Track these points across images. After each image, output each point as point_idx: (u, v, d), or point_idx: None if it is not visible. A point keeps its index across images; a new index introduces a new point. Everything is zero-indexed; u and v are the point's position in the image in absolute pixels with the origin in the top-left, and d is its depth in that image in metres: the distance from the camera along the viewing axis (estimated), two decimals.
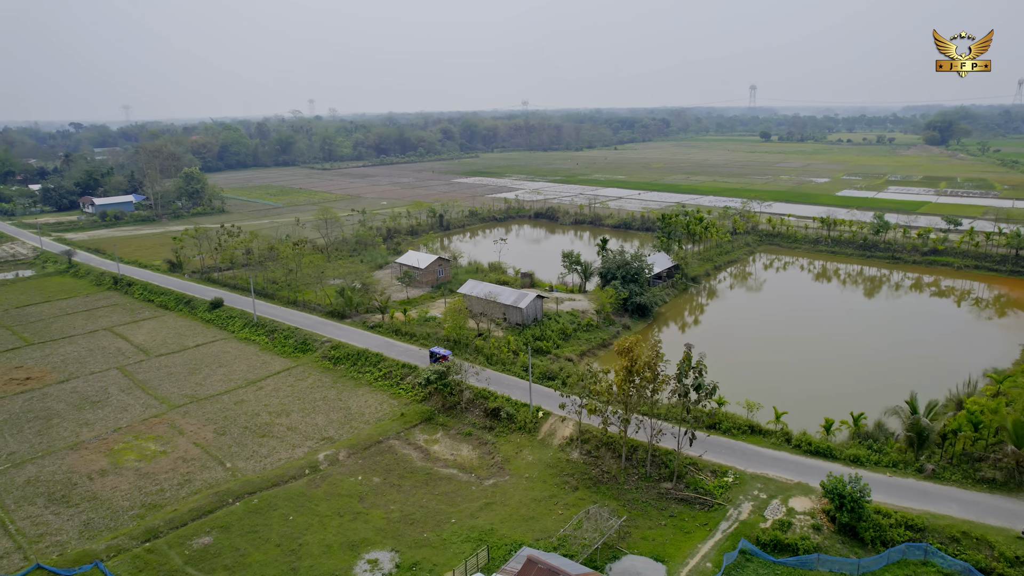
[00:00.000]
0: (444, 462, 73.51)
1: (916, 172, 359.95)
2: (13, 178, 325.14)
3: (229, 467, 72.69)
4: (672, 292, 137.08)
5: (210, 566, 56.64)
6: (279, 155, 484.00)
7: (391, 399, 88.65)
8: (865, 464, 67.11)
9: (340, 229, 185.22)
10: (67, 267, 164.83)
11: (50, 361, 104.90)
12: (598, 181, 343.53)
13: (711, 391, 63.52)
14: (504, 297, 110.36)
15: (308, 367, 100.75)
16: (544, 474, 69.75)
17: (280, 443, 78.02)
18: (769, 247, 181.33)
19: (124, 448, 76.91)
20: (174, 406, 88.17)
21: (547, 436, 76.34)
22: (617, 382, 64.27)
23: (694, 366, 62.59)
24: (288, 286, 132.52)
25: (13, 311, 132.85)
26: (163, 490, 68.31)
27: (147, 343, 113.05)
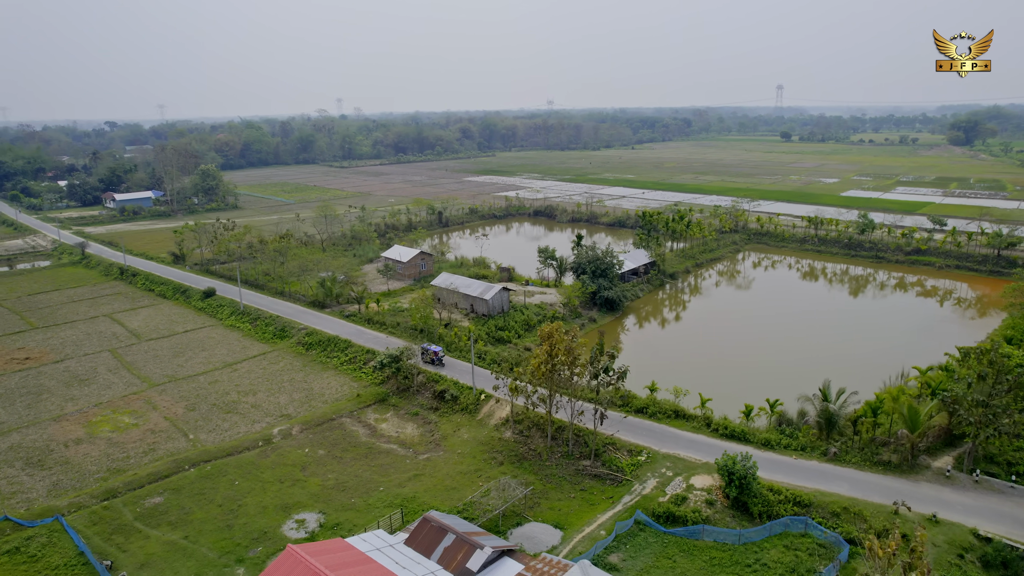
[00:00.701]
0: (387, 438, 79.12)
1: (930, 173, 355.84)
2: (44, 175, 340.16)
3: (192, 439, 79.27)
4: (647, 288, 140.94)
5: (156, 521, 63.00)
6: (299, 153, 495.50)
7: (352, 382, 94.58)
8: (775, 447, 70.94)
9: (339, 225, 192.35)
10: (80, 258, 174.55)
11: (50, 343, 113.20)
12: (606, 180, 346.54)
13: (621, 375, 67.96)
14: (472, 289, 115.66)
15: (283, 352, 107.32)
16: (475, 450, 74.92)
17: (242, 419, 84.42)
18: (757, 246, 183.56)
19: (101, 420, 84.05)
20: (153, 384, 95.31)
21: (486, 417, 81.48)
22: (535, 364, 69.12)
23: (604, 352, 67.00)
24: (278, 278, 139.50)
25: (25, 298, 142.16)
26: (128, 457, 75.07)
27: (141, 328, 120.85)
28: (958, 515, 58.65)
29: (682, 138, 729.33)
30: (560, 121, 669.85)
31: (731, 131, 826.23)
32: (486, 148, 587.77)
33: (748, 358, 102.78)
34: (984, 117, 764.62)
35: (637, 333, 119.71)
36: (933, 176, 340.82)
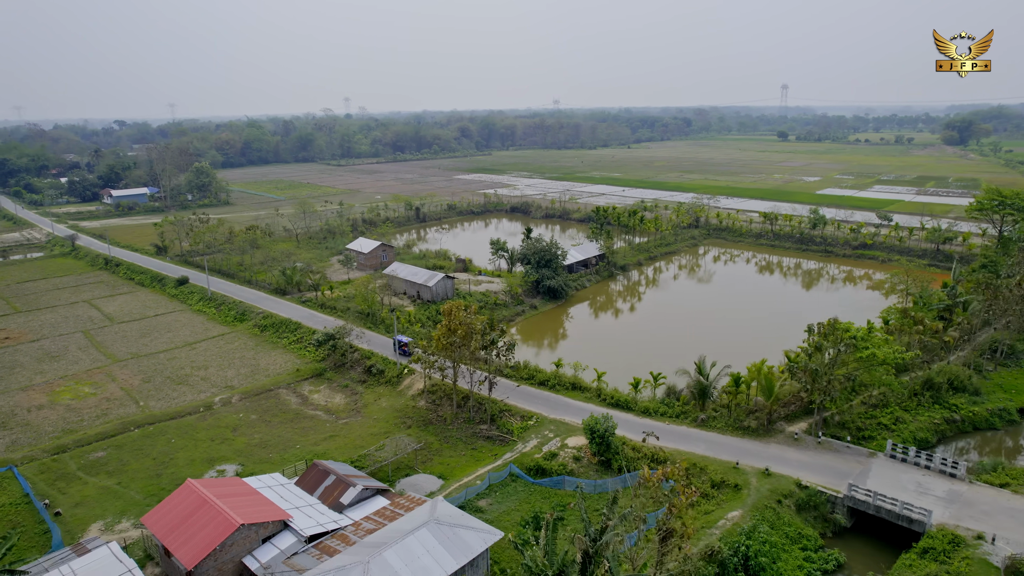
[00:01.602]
0: (315, 406, 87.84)
1: (913, 172, 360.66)
2: (47, 172, 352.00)
3: (141, 405, 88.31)
4: (595, 278, 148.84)
5: (96, 471, 71.99)
6: (299, 151, 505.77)
7: (296, 359, 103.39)
8: (653, 415, 78.94)
9: (317, 220, 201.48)
10: (70, 250, 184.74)
11: (29, 325, 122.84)
12: (592, 178, 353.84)
13: (509, 347, 76.22)
14: (418, 277, 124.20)
15: (240, 333, 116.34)
16: (390, 416, 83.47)
17: (190, 389, 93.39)
18: (716, 241, 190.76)
19: (63, 390, 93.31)
20: (117, 360, 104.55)
21: (405, 388, 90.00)
22: (435, 336, 77.55)
23: (495, 328, 75.26)
24: (247, 268, 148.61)
25: (14, 285, 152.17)
26: (82, 420, 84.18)
27: (115, 313, 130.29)
28: (791, 469, 66.47)
29: (681, 137, 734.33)
30: (558, 120, 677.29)
31: (731, 131, 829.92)
32: (484, 147, 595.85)
33: (665, 340, 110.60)
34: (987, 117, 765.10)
35: (577, 319, 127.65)
36: (914, 175, 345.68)
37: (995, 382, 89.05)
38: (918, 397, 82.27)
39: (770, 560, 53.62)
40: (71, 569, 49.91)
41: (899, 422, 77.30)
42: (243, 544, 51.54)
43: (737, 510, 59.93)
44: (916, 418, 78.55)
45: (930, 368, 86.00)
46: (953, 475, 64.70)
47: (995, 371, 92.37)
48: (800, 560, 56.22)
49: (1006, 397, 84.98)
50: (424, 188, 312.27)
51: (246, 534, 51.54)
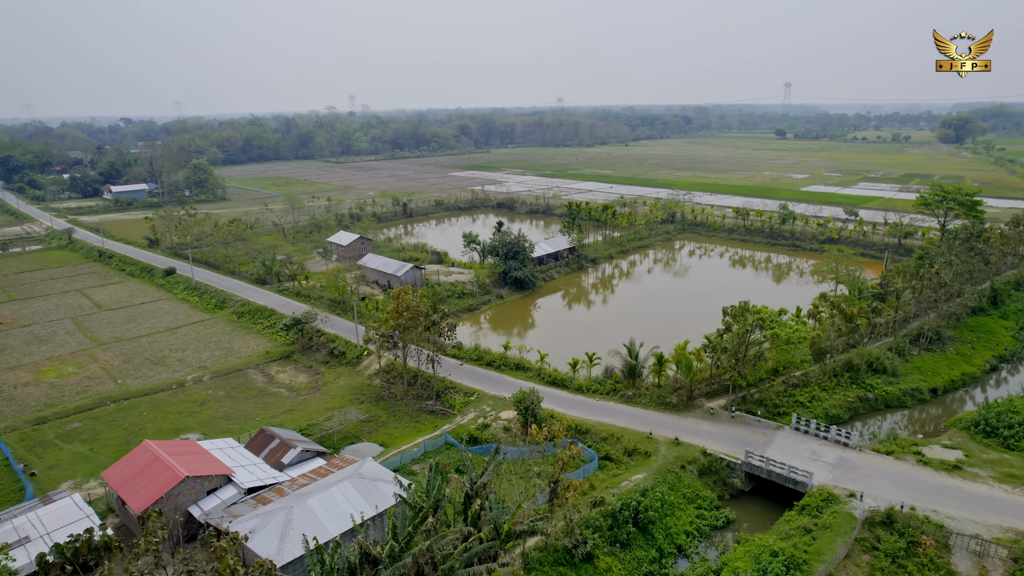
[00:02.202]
0: (279, 385, 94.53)
1: (901, 169, 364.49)
2: (51, 168, 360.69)
3: (119, 383, 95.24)
4: (565, 270, 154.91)
5: (71, 439, 78.89)
6: (299, 149, 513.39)
7: (268, 342, 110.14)
8: (587, 392, 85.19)
9: (306, 215, 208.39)
10: (67, 243, 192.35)
11: (22, 312, 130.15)
12: (583, 176, 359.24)
13: (451, 327, 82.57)
14: (388, 268, 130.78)
15: (219, 319, 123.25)
16: (346, 393, 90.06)
17: (166, 369, 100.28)
18: (690, 235, 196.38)
19: (48, 370, 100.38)
20: (101, 344, 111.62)
21: (363, 368, 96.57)
22: (383, 318, 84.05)
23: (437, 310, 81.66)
24: (232, 259, 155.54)
25: (11, 275, 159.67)
26: (64, 396, 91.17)
27: (105, 301, 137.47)
28: (701, 439, 72.59)
29: (680, 135, 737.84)
30: (557, 118, 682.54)
31: (731, 128, 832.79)
32: (483, 145, 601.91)
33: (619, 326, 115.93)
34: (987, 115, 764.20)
35: (541, 307, 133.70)
36: (902, 173, 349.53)
37: (915, 365, 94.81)
38: (838, 378, 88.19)
39: (660, 515, 59.84)
40: (36, 515, 56.67)
41: (815, 400, 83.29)
42: (188, 495, 58.18)
43: (642, 473, 66.11)
44: (832, 396, 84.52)
45: (851, 351, 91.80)
46: (846, 444, 70.68)
47: (919, 355, 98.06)
48: (692, 517, 62.38)
49: (921, 378, 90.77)
50: (417, 185, 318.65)
51: (191, 485, 58.18)
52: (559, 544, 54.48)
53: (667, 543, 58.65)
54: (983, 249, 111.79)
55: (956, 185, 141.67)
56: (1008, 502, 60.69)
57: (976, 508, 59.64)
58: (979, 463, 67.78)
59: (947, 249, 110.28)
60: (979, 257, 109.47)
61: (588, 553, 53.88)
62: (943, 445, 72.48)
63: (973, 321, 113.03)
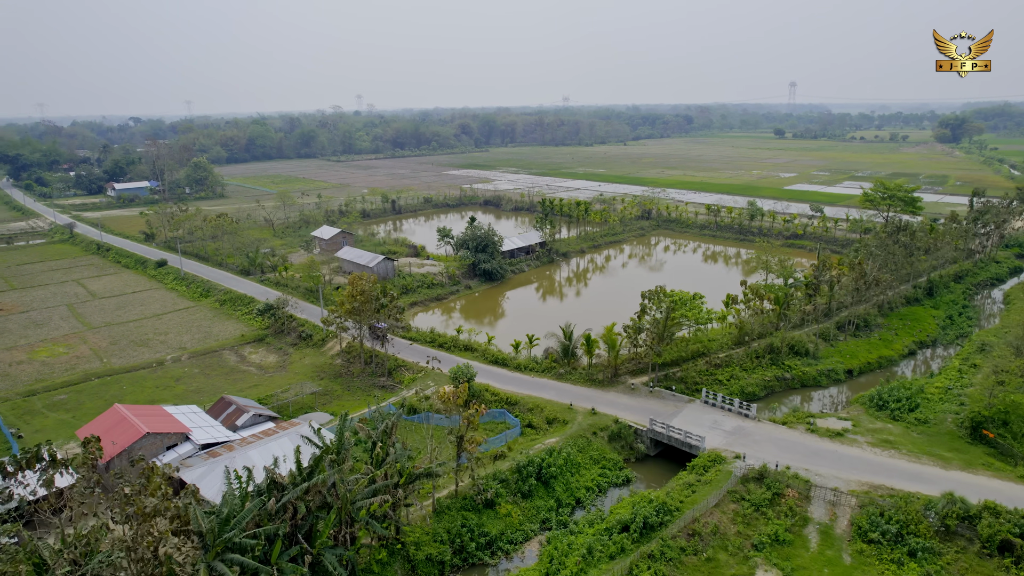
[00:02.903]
0: (250, 364, 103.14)
1: (888, 169, 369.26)
2: (59, 166, 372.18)
3: (105, 362, 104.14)
4: (535, 263, 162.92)
5: (56, 409, 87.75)
6: (301, 148, 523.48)
7: (244, 327, 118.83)
8: (524, 370, 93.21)
9: (297, 211, 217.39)
10: (68, 237, 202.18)
11: (21, 299, 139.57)
12: (575, 174, 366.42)
13: (399, 310, 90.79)
14: (362, 259, 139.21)
15: (202, 307, 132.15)
16: (310, 371, 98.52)
17: (149, 350, 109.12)
18: (665, 231, 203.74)
19: (41, 350, 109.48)
20: (91, 327, 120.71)
21: (327, 349, 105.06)
22: (339, 301, 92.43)
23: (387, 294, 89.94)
24: (220, 252, 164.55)
25: (13, 267, 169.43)
26: (53, 372, 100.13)
27: (99, 290, 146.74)
28: (617, 410, 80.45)
29: (681, 135, 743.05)
30: (558, 118, 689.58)
31: (733, 128, 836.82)
32: (484, 144, 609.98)
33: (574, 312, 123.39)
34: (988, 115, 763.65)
35: (507, 297, 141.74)
36: (888, 172, 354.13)
37: (839, 349, 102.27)
38: (759, 359, 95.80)
39: (563, 472, 67.83)
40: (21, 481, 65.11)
41: (733, 378, 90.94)
42: (150, 449, 66.68)
43: (556, 438, 74.08)
44: (750, 376, 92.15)
45: (773, 335, 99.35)
46: (746, 415, 78.33)
47: (844, 340, 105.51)
48: (596, 475, 70.30)
49: (840, 361, 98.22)
50: (413, 183, 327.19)
51: (152, 441, 66.70)
52: (467, 493, 62.64)
53: (566, 496, 66.64)
54: (907, 242, 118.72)
55: (897, 183, 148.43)
56: (873, 462, 68.24)
57: (844, 467, 67.23)
58: (862, 431, 75.30)
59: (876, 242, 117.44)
60: (904, 249, 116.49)
61: (490, 500, 62.00)
62: (838, 417, 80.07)
63: (906, 311, 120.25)
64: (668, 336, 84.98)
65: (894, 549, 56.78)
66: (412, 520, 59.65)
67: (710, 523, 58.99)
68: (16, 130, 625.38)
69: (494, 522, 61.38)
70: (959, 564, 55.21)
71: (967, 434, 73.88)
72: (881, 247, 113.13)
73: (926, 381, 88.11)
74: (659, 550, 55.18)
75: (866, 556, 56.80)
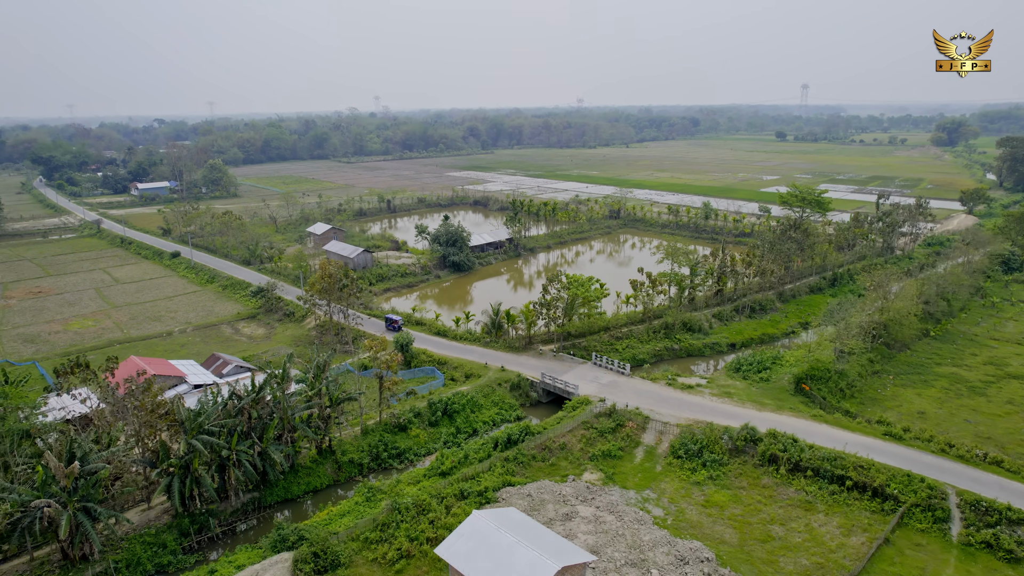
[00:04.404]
0: (242, 335, 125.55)
1: (870, 172, 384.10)
2: (88, 167, 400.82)
3: (125, 332, 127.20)
4: (503, 257, 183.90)
5: None
6: (314, 149, 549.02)
7: (241, 307, 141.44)
8: (460, 339, 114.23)
9: (299, 210, 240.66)
10: (95, 232, 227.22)
11: (56, 284, 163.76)
12: (569, 176, 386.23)
13: (359, 290, 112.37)
14: (345, 252, 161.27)
15: (208, 290, 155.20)
16: (289, 340, 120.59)
17: (161, 324, 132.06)
18: (631, 229, 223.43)
19: (74, 323, 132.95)
20: (115, 306, 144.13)
21: (306, 324, 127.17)
22: (311, 282, 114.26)
23: (347, 275, 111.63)
24: (226, 245, 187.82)
25: (49, 257, 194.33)
26: (84, 340, 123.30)
27: (122, 277, 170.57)
28: (522, 368, 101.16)
29: (686, 137, 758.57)
30: (564, 120, 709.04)
31: (739, 130, 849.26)
32: (490, 146, 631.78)
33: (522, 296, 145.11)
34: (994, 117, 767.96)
35: (472, 285, 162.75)
36: (867, 175, 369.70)
37: (731, 328, 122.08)
38: (656, 334, 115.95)
39: (464, 409, 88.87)
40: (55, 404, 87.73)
41: (628, 348, 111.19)
42: None
43: (468, 387, 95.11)
44: (644, 346, 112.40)
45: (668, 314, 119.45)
46: (621, 373, 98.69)
47: (738, 320, 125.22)
48: (493, 414, 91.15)
49: (726, 336, 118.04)
50: (413, 184, 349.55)
51: (157, 381, 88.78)
52: (388, 421, 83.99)
53: (466, 426, 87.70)
54: (799, 237, 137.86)
55: (808, 186, 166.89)
56: (707, 406, 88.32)
57: (683, 409, 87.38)
58: (712, 387, 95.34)
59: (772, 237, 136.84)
60: (796, 245, 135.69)
61: (403, 425, 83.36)
62: (700, 376, 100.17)
63: (807, 298, 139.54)
64: (573, 312, 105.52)
65: (694, 462, 76.96)
66: (344, 437, 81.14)
67: (560, 441, 79.72)
68: (48, 132, 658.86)
69: (405, 441, 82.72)
70: (737, 471, 75.36)
71: (792, 388, 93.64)
72: (772, 243, 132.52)
73: (787, 352, 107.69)
74: (514, 455, 76.04)
75: (672, 466, 77.10)
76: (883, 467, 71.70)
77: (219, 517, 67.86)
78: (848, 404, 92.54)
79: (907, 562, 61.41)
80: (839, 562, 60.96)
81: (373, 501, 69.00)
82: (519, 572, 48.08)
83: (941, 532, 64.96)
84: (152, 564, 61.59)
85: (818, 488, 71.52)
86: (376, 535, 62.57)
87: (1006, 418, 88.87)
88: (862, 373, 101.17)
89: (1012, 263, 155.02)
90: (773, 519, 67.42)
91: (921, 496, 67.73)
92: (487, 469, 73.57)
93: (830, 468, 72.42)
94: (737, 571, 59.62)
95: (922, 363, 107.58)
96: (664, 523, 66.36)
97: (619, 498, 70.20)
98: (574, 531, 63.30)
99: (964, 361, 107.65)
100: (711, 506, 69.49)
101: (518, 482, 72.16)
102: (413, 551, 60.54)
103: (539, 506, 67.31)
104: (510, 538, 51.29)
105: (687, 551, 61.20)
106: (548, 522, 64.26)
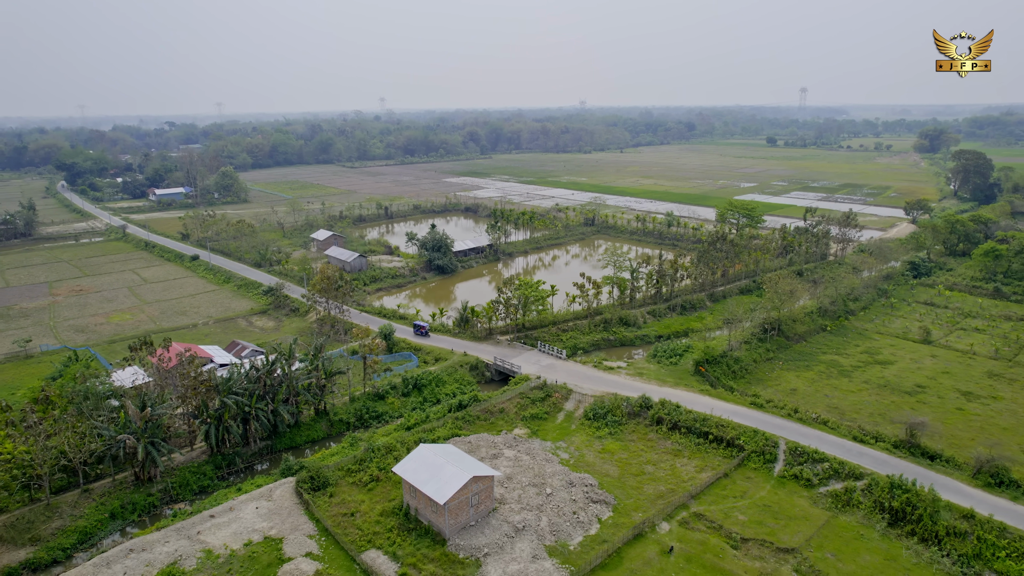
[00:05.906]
0: (255, 327, 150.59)
1: (843, 180, 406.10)
2: (107, 172, 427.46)
3: (157, 324, 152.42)
4: (483, 260, 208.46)
5: None
6: (320, 154, 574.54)
7: (254, 303, 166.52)
8: (439, 331, 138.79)
9: (304, 216, 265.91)
10: (121, 236, 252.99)
11: (94, 283, 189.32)
12: (558, 182, 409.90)
13: (351, 289, 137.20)
14: (343, 256, 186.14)
15: (225, 289, 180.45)
16: (294, 331, 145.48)
17: (186, 318, 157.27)
18: (604, 236, 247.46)
19: (115, 317, 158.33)
20: (146, 302, 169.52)
21: (309, 318, 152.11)
22: (312, 283, 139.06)
23: (342, 277, 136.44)
24: (240, 249, 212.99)
25: (84, 259, 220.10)
26: (124, 330, 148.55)
27: (149, 277, 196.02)
28: (481, 353, 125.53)
29: (680, 142, 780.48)
30: (562, 125, 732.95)
31: (735, 134, 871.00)
32: (489, 151, 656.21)
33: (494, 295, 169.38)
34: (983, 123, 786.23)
35: (455, 286, 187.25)
36: (840, 183, 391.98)
37: (662, 322, 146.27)
38: (596, 328, 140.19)
39: (431, 384, 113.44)
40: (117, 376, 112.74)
41: (572, 338, 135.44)
42: None
43: (435, 367, 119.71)
44: (585, 337, 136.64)
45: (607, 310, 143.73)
46: (559, 357, 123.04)
47: (670, 316, 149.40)
48: (453, 388, 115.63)
49: (655, 329, 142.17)
50: (412, 190, 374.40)
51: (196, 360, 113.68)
52: (370, 392, 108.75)
53: (431, 397, 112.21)
54: (725, 248, 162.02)
55: (741, 201, 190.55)
56: (620, 383, 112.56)
57: (601, 384, 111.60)
58: (629, 369, 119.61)
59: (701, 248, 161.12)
60: (722, 253, 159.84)
61: (381, 395, 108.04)
62: (623, 360, 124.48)
63: (735, 299, 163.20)
64: (528, 308, 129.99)
65: (599, 422, 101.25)
66: (336, 403, 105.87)
67: (500, 407, 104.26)
68: (63, 135, 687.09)
69: (383, 407, 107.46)
70: (631, 429, 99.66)
71: (692, 370, 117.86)
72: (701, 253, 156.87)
73: (697, 342, 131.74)
74: (463, 416, 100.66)
75: (583, 426, 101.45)
76: (738, 426, 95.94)
77: (242, 457, 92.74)
78: (736, 383, 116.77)
79: (736, 488, 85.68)
80: (686, 488, 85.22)
81: (355, 447, 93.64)
82: (445, 479, 72.57)
83: (768, 469, 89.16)
84: (197, 485, 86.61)
85: (688, 441, 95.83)
86: (356, 467, 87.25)
87: (857, 393, 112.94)
88: (756, 359, 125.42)
89: (921, 268, 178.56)
90: (648, 461, 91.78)
91: (759, 444, 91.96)
92: (441, 425, 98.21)
93: (699, 426, 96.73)
94: (611, 492, 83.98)
95: (811, 352, 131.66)
96: (567, 463, 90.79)
97: (538, 446, 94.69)
98: (498, 466, 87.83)
99: (846, 351, 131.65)
100: (605, 452, 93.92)
101: (463, 434, 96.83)
102: (381, 476, 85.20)
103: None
104: (442, 460, 75.81)
105: (577, 479, 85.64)
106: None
